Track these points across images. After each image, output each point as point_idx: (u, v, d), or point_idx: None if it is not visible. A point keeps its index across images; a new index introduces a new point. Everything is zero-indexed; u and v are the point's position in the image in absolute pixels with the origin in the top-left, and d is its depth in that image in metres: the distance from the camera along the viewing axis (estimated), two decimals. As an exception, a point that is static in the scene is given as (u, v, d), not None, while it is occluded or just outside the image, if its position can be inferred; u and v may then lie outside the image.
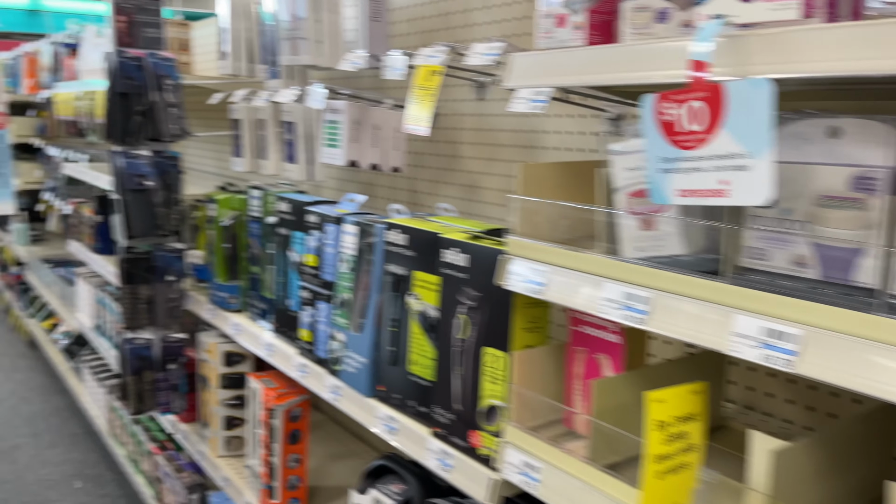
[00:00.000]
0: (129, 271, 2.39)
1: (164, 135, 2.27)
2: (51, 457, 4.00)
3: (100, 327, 3.78)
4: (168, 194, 2.35)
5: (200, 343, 2.46)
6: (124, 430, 3.48)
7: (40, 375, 5.22)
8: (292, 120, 2.15)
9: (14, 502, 3.53)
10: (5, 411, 4.59)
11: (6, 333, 6.20)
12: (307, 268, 1.77)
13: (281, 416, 2.01)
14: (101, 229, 3.65)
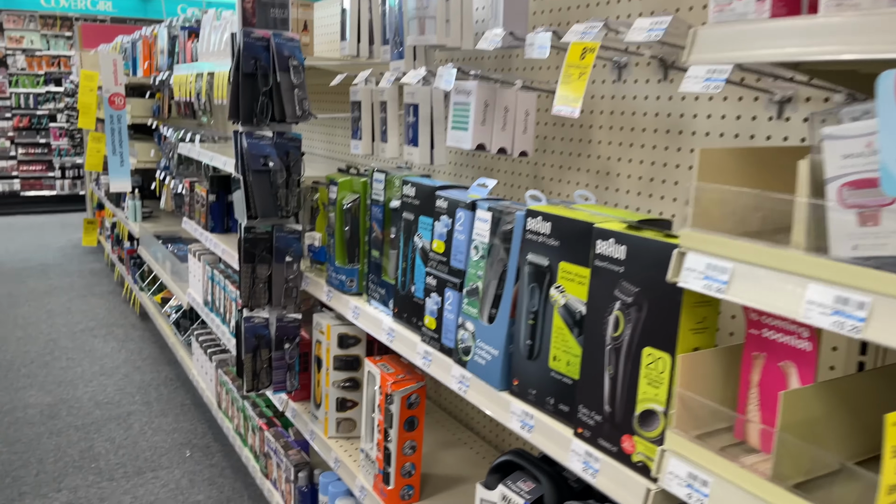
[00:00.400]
0: (249, 251, 2.42)
1: (288, 116, 2.27)
2: (162, 425, 4.18)
3: (210, 303, 3.90)
4: (289, 175, 2.36)
5: (315, 324, 2.47)
6: (232, 404, 3.58)
7: (151, 346, 5.47)
8: (416, 102, 2.11)
9: (130, 467, 3.70)
10: (119, 379, 4.83)
11: (120, 305, 6.53)
12: (434, 254, 1.73)
13: (398, 403, 1.99)
14: (214, 208, 3.76)
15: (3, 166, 11.35)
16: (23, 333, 5.67)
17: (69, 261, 8.21)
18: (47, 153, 11.59)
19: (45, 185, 11.63)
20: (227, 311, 3.55)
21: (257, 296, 2.46)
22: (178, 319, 4.88)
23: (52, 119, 11.53)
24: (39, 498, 3.38)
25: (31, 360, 5.11)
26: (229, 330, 3.55)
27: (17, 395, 4.53)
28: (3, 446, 3.86)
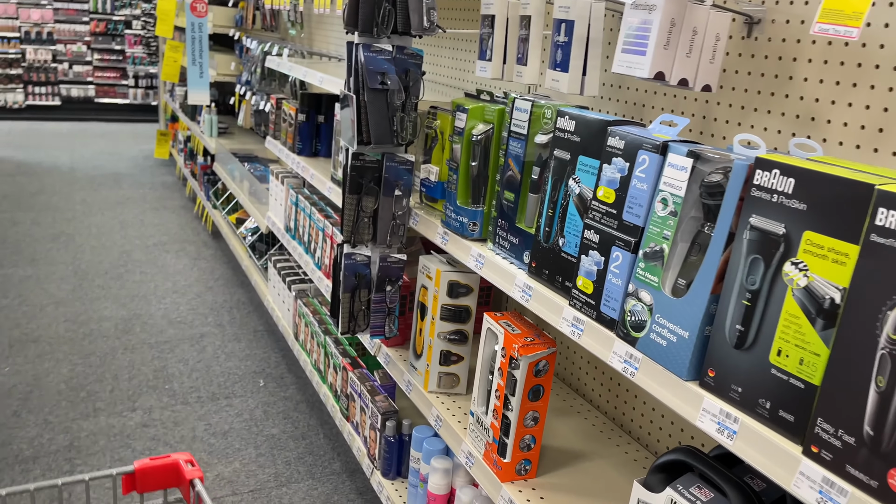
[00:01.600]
0: (356, 180, 2.16)
1: (413, 27, 1.96)
2: (235, 350, 4.07)
3: (292, 230, 3.70)
4: (407, 97, 2.06)
5: (422, 267, 2.22)
6: (312, 338, 3.41)
7: (223, 266, 5.37)
8: (570, 18, 1.77)
9: (203, 391, 3.60)
10: (192, 298, 4.74)
11: (192, 221, 6.45)
12: (600, 203, 1.43)
13: (525, 369, 1.73)
14: (303, 129, 3.50)
15: (79, 71, 11.34)
16: (97, 243, 5.64)
17: (141, 172, 8.18)
18: (122, 60, 11.53)
19: (119, 93, 11.61)
20: (313, 240, 3.34)
21: (360, 231, 2.21)
22: (254, 242, 4.72)
23: (127, 26, 11.41)
24: (115, 416, 3.31)
25: (105, 272, 5.07)
26: (313, 260, 3.34)
27: (92, 306, 4.48)
28: (78, 358, 3.81)
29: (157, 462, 1.15)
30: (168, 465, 1.16)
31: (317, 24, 4.44)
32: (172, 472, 1.17)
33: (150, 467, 1.15)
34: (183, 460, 1.18)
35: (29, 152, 8.72)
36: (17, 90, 10.96)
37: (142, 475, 1.14)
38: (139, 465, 1.15)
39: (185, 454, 1.21)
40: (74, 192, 7.07)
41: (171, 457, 1.17)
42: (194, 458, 1.18)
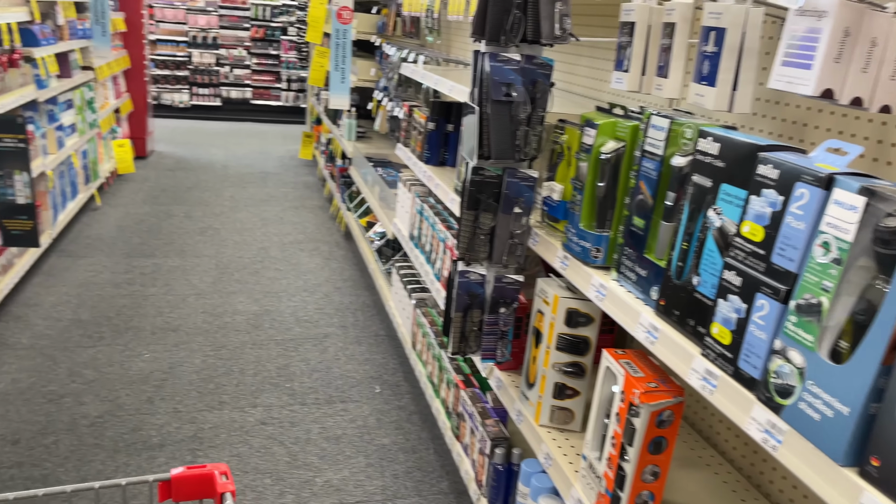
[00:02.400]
0: (475, 196, 2.05)
1: (544, 35, 1.82)
2: (355, 353, 4.10)
3: (416, 238, 3.67)
4: (533, 110, 1.93)
5: (539, 290, 2.07)
6: (428, 349, 3.35)
7: (352, 268, 5.47)
8: (722, 25, 1.56)
9: (321, 393, 3.64)
10: (320, 298, 4.85)
11: (327, 221, 6.64)
12: (745, 241, 1.23)
13: (646, 417, 1.55)
14: (432, 137, 3.45)
15: (239, 74, 12.10)
16: (239, 238, 5.93)
17: (286, 171, 8.56)
18: (277, 65, 12.18)
19: (272, 95, 12.27)
20: (434, 250, 3.28)
21: (476, 248, 2.10)
22: (380, 247, 4.76)
23: (283, 32, 12.05)
24: (237, 410, 3.42)
25: (243, 266, 5.30)
26: (433, 270, 3.28)
27: (229, 299, 4.69)
28: (211, 350, 3.99)
29: (193, 472, 1.16)
30: (203, 475, 1.16)
31: (454, 30, 4.39)
32: (207, 483, 1.16)
33: (186, 476, 1.15)
34: (218, 472, 1.17)
35: (189, 149, 9.39)
36: (183, 91, 11.87)
37: (177, 483, 1.14)
38: (175, 473, 1.16)
39: (221, 465, 1.19)
40: (225, 188, 7.50)
41: (207, 467, 1.17)
42: (229, 471, 1.16)
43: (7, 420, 3.18)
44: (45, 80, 4.93)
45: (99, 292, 4.61)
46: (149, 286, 4.78)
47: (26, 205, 3.78)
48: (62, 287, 4.65)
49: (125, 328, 4.16)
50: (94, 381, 3.56)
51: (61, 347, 3.87)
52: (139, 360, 3.80)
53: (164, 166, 8.27)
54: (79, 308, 4.36)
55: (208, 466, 1.17)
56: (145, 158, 8.54)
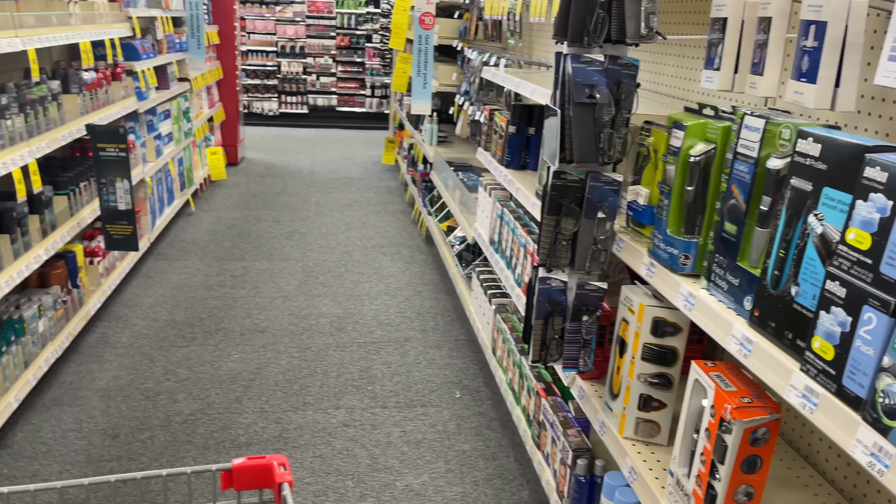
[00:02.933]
0: (556, 200, 2.00)
1: (629, 34, 1.77)
2: (435, 357, 4.11)
3: (496, 242, 3.64)
4: (618, 112, 1.87)
5: (623, 298, 2.00)
6: (508, 355, 3.32)
7: (433, 272, 5.49)
8: (822, 19, 1.46)
9: (402, 397, 3.66)
10: (401, 302, 4.89)
11: (409, 225, 6.70)
12: (849, 249, 1.14)
13: (738, 435, 1.46)
14: (512, 141, 3.42)
15: (325, 82, 12.42)
16: (324, 242, 6.06)
17: (369, 176, 8.70)
18: (361, 72, 12.42)
19: (357, 102, 12.53)
20: (515, 255, 3.24)
21: (558, 254, 2.06)
22: (461, 252, 4.76)
23: (368, 39, 12.28)
24: (320, 412, 3.48)
25: (328, 270, 5.42)
26: (513, 276, 3.25)
27: (313, 302, 4.80)
28: (296, 351, 4.09)
29: (253, 462, 1.20)
30: (262, 465, 1.20)
31: (536, 32, 4.34)
32: (266, 473, 1.20)
33: (247, 466, 1.19)
34: (276, 463, 1.21)
35: (278, 156, 9.70)
36: (272, 99, 12.28)
37: (238, 473, 1.18)
38: (237, 463, 1.19)
39: (280, 457, 1.23)
40: (311, 193, 7.70)
41: (266, 458, 1.21)
42: (287, 462, 1.22)
43: (108, 415, 3.36)
44: (145, 92, 5.20)
45: (192, 294, 4.82)
46: (238, 288, 4.96)
47: (127, 211, 3.99)
48: (159, 288, 4.88)
49: (216, 329, 4.32)
50: (186, 379, 3.72)
51: (157, 347, 4.05)
52: (228, 360, 3.94)
53: (254, 172, 8.57)
54: (174, 309, 4.56)
55: (267, 458, 1.20)
56: (236, 165, 8.87)
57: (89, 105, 4.08)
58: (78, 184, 3.94)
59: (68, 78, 3.88)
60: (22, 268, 3.16)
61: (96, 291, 4.21)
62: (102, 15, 4.43)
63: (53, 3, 3.68)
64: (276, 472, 1.20)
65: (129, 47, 5.03)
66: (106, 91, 4.38)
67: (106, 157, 3.89)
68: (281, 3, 12.03)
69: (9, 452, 3.04)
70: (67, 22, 3.79)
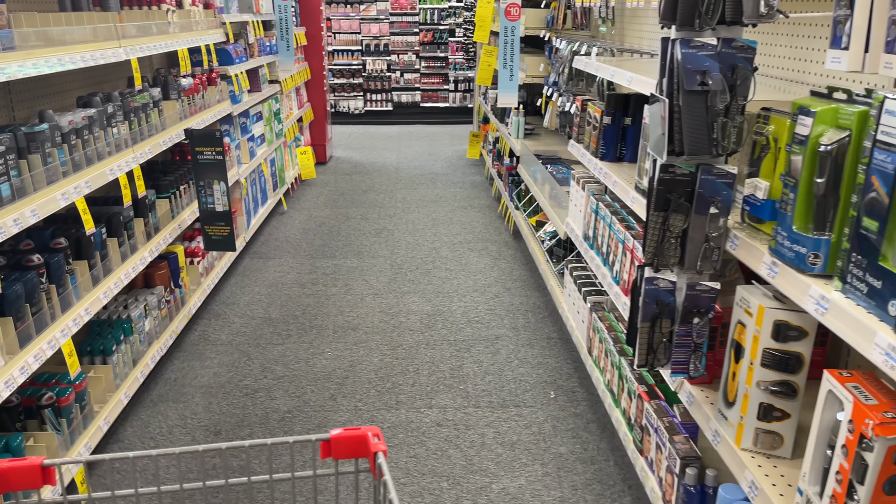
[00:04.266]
0: (664, 195, 1.88)
1: (746, 14, 1.63)
2: (527, 356, 4.02)
3: (590, 238, 3.51)
4: (733, 99, 1.73)
5: (739, 299, 1.87)
6: (605, 355, 3.19)
7: (521, 268, 5.40)
8: (981, -16, 1.29)
9: (494, 396, 3.60)
10: (490, 298, 4.82)
11: (495, 220, 6.63)
12: None
13: (881, 452, 1.32)
14: (608, 132, 3.29)
15: (409, 78, 12.48)
16: (412, 239, 6.07)
17: (454, 171, 8.68)
18: (444, 67, 12.41)
19: (440, 97, 12.53)
20: (612, 252, 3.11)
21: (665, 253, 1.94)
22: (551, 247, 4.64)
23: (451, 34, 12.25)
24: (413, 410, 3.47)
25: (416, 266, 5.42)
26: (611, 273, 3.12)
27: (403, 299, 4.80)
28: (387, 349, 4.09)
29: (349, 433, 1.25)
30: (358, 436, 1.24)
31: (629, 18, 4.17)
32: (361, 444, 1.25)
33: (343, 437, 1.24)
34: (371, 434, 1.25)
35: (364, 153, 9.82)
36: (357, 97, 12.46)
37: (336, 443, 1.24)
38: (334, 433, 1.25)
39: (373, 428, 1.27)
40: (397, 190, 7.74)
41: (361, 429, 1.26)
42: (381, 433, 1.28)
43: (210, 412, 3.45)
44: (239, 95, 5.34)
45: (287, 292, 4.92)
46: (330, 286, 5.02)
47: (224, 212, 4.10)
48: (255, 287, 5.01)
49: (310, 326, 4.38)
50: (283, 377, 3.78)
51: (254, 344, 4.15)
52: (322, 358, 3.99)
53: (342, 171, 8.70)
54: (269, 307, 4.67)
55: (362, 429, 1.25)
56: (325, 164, 9.04)
57: (187, 110, 4.21)
58: (178, 187, 4.08)
59: (168, 84, 4.01)
60: (129, 269, 3.29)
61: (197, 290, 4.35)
62: (198, 22, 4.56)
63: (153, 12, 3.81)
64: (370, 442, 1.24)
65: (223, 52, 5.17)
66: (202, 96, 4.52)
67: (204, 160, 4.00)
68: (365, 1, 12.16)
69: (120, 447, 3.18)
70: (166, 31, 3.92)
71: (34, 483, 1.10)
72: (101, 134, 3.07)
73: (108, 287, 3.08)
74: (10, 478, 1.09)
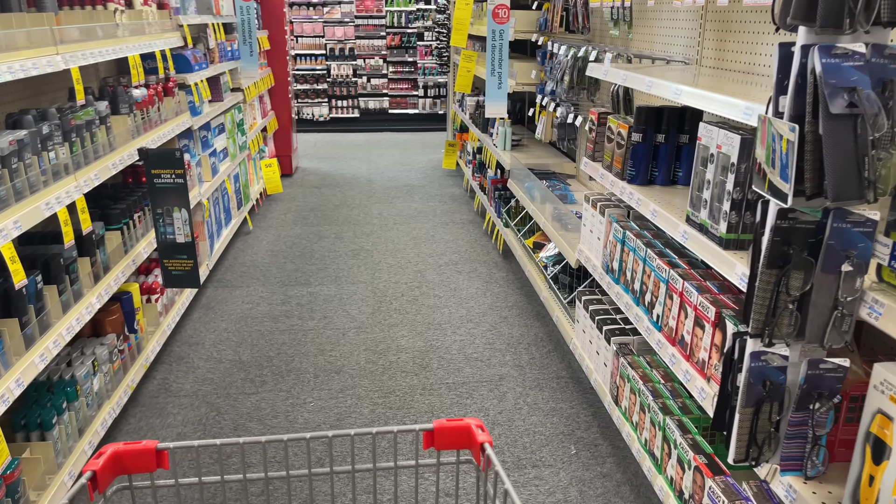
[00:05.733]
0: (780, 248, 1.44)
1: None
2: (537, 400, 3.57)
3: (615, 271, 3.07)
4: (893, 126, 1.29)
5: (880, 382, 1.43)
6: (642, 410, 2.75)
7: (516, 293, 4.95)
8: None
9: (507, 454, 3.13)
10: (487, 330, 4.36)
11: (481, 238, 6.17)
12: None
13: None
14: (638, 151, 2.85)
15: (376, 84, 11.96)
16: (393, 261, 5.57)
17: (430, 183, 8.20)
18: (413, 72, 11.93)
19: (409, 103, 12.04)
20: (650, 292, 2.67)
21: (779, 321, 1.49)
22: (556, 274, 4.20)
23: (419, 37, 11.77)
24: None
25: (401, 293, 4.92)
26: (649, 317, 2.68)
27: (390, 333, 4.30)
28: (378, 397, 3.59)
29: (452, 424, 1.22)
30: (461, 427, 1.22)
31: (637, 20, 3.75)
32: (465, 435, 1.22)
33: (447, 427, 1.21)
34: (474, 425, 1.22)
35: (332, 163, 9.28)
36: (322, 104, 11.88)
37: (439, 433, 1.20)
38: (437, 424, 1.21)
39: (476, 419, 1.25)
40: (372, 204, 7.23)
41: (464, 421, 1.23)
42: (484, 425, 1.25)
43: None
44: (199, 107, 4.78)
45: (258, 327, 4.37)
46: (307, 319, 4.50)
47: (186, 244, 3.55)
48: (221, 322, 4.46)
49: (286, 370, 3.86)
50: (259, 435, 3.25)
51: (224, 394, 3.61)
52: (304, 410, 3.47)
53: (310, 183, 8.15)
54: (239, 347, 4.13)
55: (465, 420, 1.23)
56: (291, 176, 8.47)
57: (141, 126, 3.65)
58: (132, 215, 3.51)
59: (117, 96, 3.45)
60: (72, 322, 2.73)
61: (155, 332, 3.79)
62: (151, 24, 4.00)
63: (97, 13, 3.25)
64: (475, 433, 1.20)
65: (181, 58, 4.61)
66: (158, 108, 3.96)
67: (161, 184, 3.45)
68: (329, 3, 11.61)
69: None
70: (114, 34, 3.36)
71: (149, 466, 1.09)
72: (34, 160, 2.51)
73: (47, 346, 2.52)
74: (126, 460, 1.09)
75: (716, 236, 2.13)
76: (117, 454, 1.10)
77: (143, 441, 1.11)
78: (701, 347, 2.27)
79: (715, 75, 2.81)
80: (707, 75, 2.80)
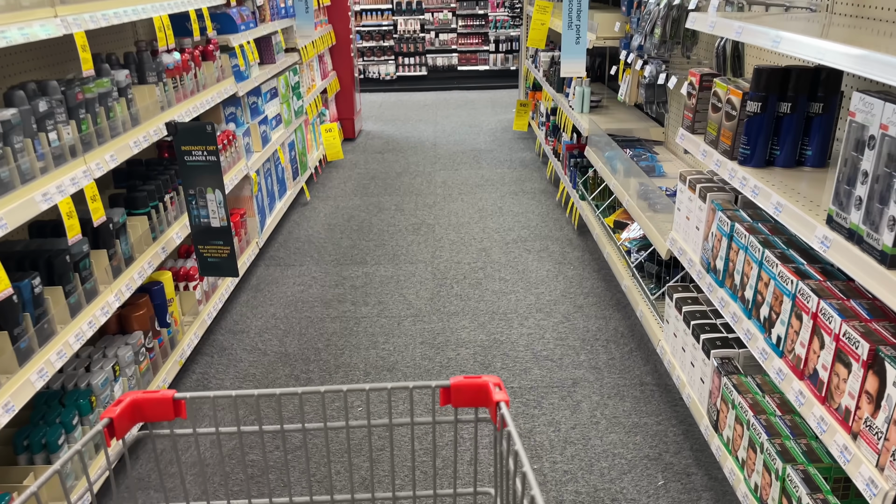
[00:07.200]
0: None
1: None
2: (618, 413, 3.07)
3: (716, 270, 2.52)
4: None
5: None
6: (751, 448, 2.22)
7: (593, 276, 4.41)
8: None
9: (582, 482, 2.67)
10: (558, 322, 3.86)
11: (553, 210, 5.62)
12: None
13: None
14: (754, 125, 2.26)
15: (445, 39, 11.36)
16: (456, 237, 5.11)
17: (499, 146, 7.65)
18: (484, 25, 11.26)
19: (480, 59, 11.41)
20: (768, 304, 2.12)
21: None
22: (641, 262, 3.64)
23: (490, -11, 11.07)
24: None
25: (463, 275, 4.47)
26: (764, 335, 2.13)
27: (450, 323, 3.87)
28: (434, 404, 3.18)
29: (469, 381, 1.18)
30: (478, 384, 1.18)
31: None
32: (482, 393, 1.18)
33: (464, 384, 1.17)
34: (492, 383, 1.17)
35: (397, 126, 8.83)
36: (388, 62, 11.39)
37: (456, 390, 1.17)
38: (454, 381, 1.17)
39: (494, 377, 1.18)
40: (436, 171, 6.77)
41: (482, 378, 1.19)
42: (502, 383, 1.15)
43: (202, 508, 2.59)
44: (245, 71, 4.39)
45: (308, 313, 4.02)
46: (360, 304, 4.11)
47: (221, 228, 3.19)
48: (270, 307, 4.13)
49: (335, 365, 3.49)
50: (302, 447, 2.90)
51: (266, 394, 3.27)
52: (351, 416, 3.09)
53: (373, 148, 7.74)
54: (286, 336, 3.78)
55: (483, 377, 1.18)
56: (353, 140, 8.08)
57: (172, 96, 3.27)
58: (162, 197, 3.17)
59: (143, 64, 3.07)
60: (83, 326, 2.40)
61: (193, 323, 3.47)
62: (186, -20, 3.59)
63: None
64: (492, 391, 1.15)
65: (225, 17, 4.21)
66: (195, 75, 3.57)
67: (192, 162, 3.08)
68: (395, -46, 11.02)
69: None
70: (137, -8, 2.96)
71: (167, 415, 1.08)
72: (26, 143, 2.15)
73: (48, 359, 2.19)
74: (144, 408, 1.07)
75: (876, 249, 1.57)
76: (136, 402, 1.07)
77: (160, 390, 1.08)
78: (844, 392, 1.72)
79: (855, 25, 2.17)
80: (844, 25, 2.17)
